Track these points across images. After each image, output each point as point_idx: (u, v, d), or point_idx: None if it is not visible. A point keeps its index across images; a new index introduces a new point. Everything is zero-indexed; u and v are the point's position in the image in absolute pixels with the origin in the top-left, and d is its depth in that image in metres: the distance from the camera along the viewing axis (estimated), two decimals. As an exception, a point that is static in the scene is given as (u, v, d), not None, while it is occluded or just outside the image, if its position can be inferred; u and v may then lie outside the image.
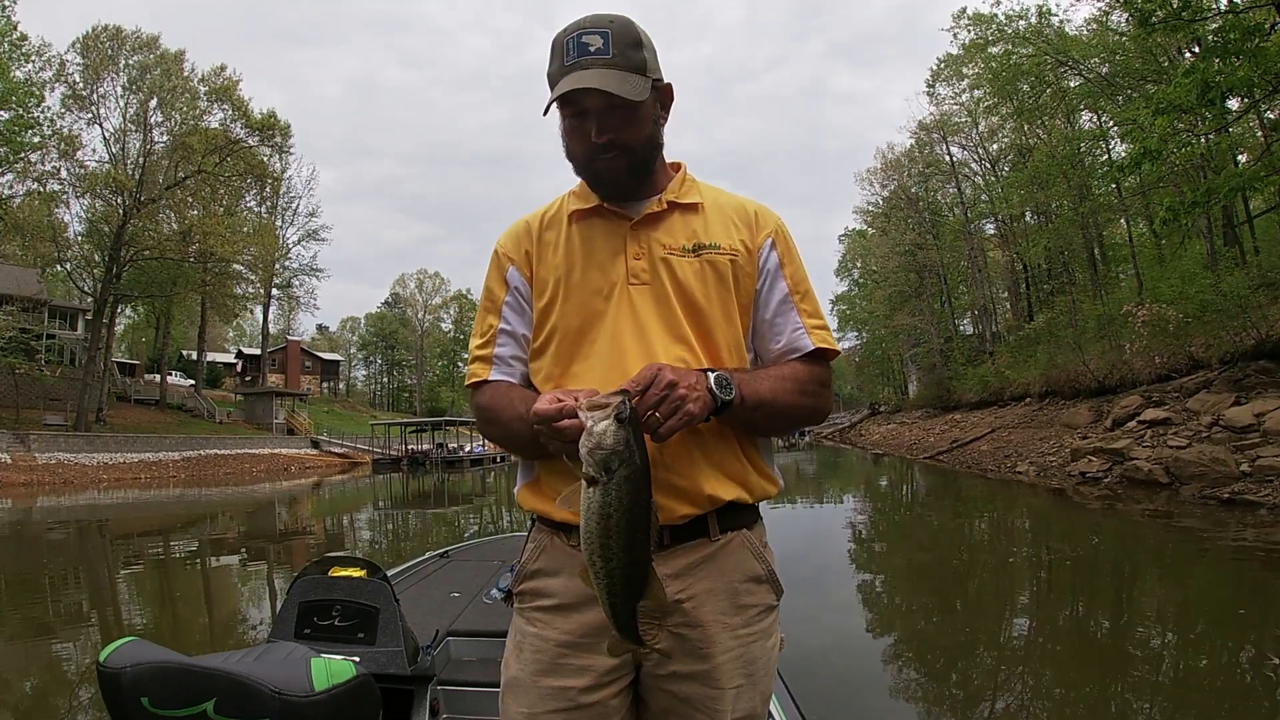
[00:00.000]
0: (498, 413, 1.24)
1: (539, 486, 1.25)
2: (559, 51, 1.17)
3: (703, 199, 1.29)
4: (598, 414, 0.95)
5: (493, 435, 1.28)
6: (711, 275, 1.23)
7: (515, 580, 1.28)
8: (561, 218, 1.30)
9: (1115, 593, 6.60)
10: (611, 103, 1.14)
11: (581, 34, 1.15)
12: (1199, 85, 10.55)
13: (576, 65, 1.14)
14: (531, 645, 1.20)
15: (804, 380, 1.23)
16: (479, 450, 42.58)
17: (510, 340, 1.29)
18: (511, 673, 1.21)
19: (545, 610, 1.21)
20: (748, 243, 1.27)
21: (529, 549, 1.28)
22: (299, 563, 8.54)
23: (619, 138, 1.18)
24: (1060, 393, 22.00)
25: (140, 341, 55.18)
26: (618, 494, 0.94)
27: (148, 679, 1.39)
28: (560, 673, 1.16)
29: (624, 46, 1.16)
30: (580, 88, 1.12)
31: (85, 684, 4.44)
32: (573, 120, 1.20)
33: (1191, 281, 17.63)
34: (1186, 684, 4.16)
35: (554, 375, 1.23)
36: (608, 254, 1.24)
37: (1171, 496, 10.50)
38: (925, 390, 40.52)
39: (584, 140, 1.19)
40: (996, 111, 29.85)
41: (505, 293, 1.30)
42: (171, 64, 32.75)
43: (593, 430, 0.94)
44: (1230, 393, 12.92)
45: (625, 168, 1.21)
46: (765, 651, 1.22)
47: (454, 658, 2.45)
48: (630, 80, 1.14)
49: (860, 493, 17.29)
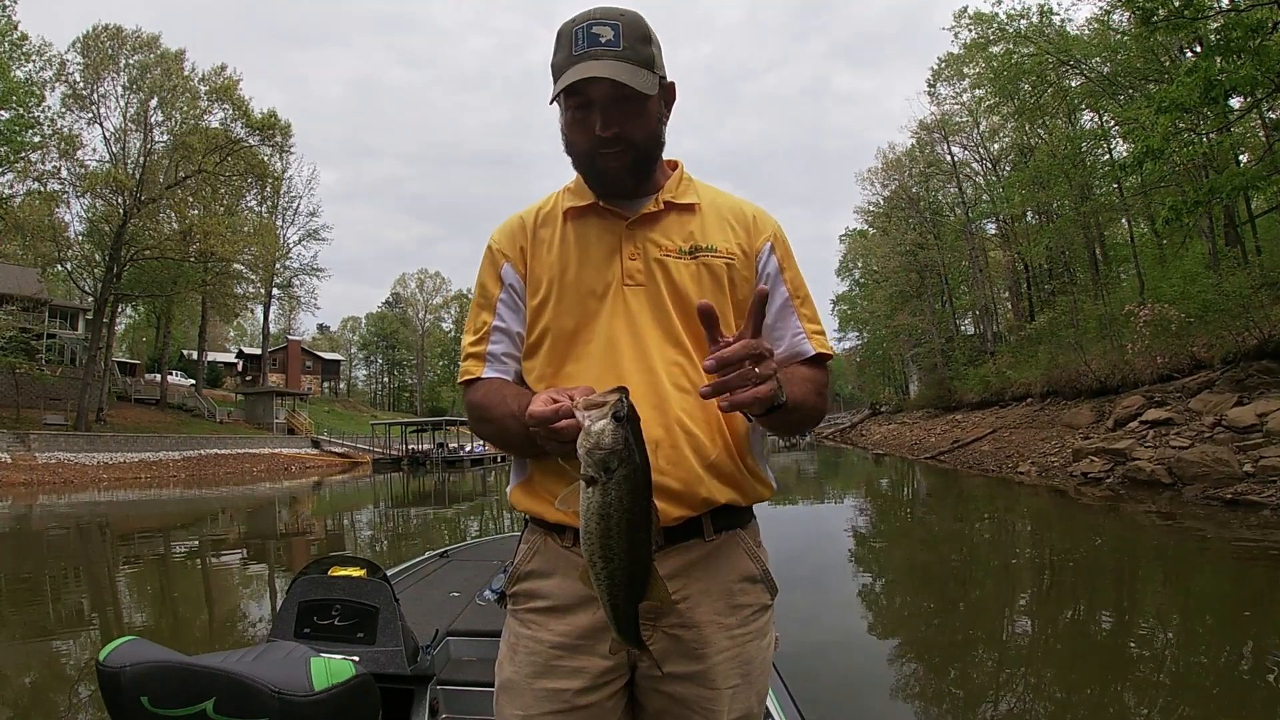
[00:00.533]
0: (490, 410, 1.21)
1: (532, 487, 1.24)
2: (566, 41, 1.14)
3: (700, 199, 1.28)
4: (595, 413, 0.92)
5: (485, 433, 1.26)
6: (708, 278, 1.21)
7: (508, 582, 1.27)
8: (556, 215, 1.27)
9: (1118, 594, 6.57)
10: (619, 95, 1.12)
11: (592, 24, 1.13)
12: (1202, 83, 10.52)
13: (586, 55, 1.12)
14: (526, 647, 1.19)
15: (820, 384, 1.22)
16: (479, 450, 42.56)
17: (504, 338, 1.27)
18: (506, 675, 1.20)
19: (539, 612, 1.20)
20: (745, 246, 1.26)
21: (522, 550, 1.27)
22: (298, 562, 8.44)
23: (624, 132, 1.15)
24: (1062, 393, 21.95)
25: (141, 341, 55.18)
26: (618, 494, 0.92)
27: (147, 678, 1.38)
28: (555, 675, 1.15)
29: (634, 40, 1.14)
30: (589, 77, 1.10)
31: (85, 683, 4.42)
32: (577, 112, 1.17)
33: (1193, 281, 17.60)
34: (1190, 687, 4.13)
35: (546, 375, 1.22)
36: (603, 253, 1.22)
37: (1174, 497, 10.46)
38: (926, 390, 40.45)
39: (587, 133, 1.16)
40: (998, 111, 29.78)
41: (500, 289, 1.28)
42: (171, 63, 32.74)
43: (590, 430, 0.91)
44: (1233, 393, 12.87)
45: (628, 164, 1.18)
46: (761, 651, 1.22)
47: (454, 657, 2.45)
48: (640, 74, 1.13)
49: (861, 493, 17.24)
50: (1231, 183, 11.66)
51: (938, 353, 38.93)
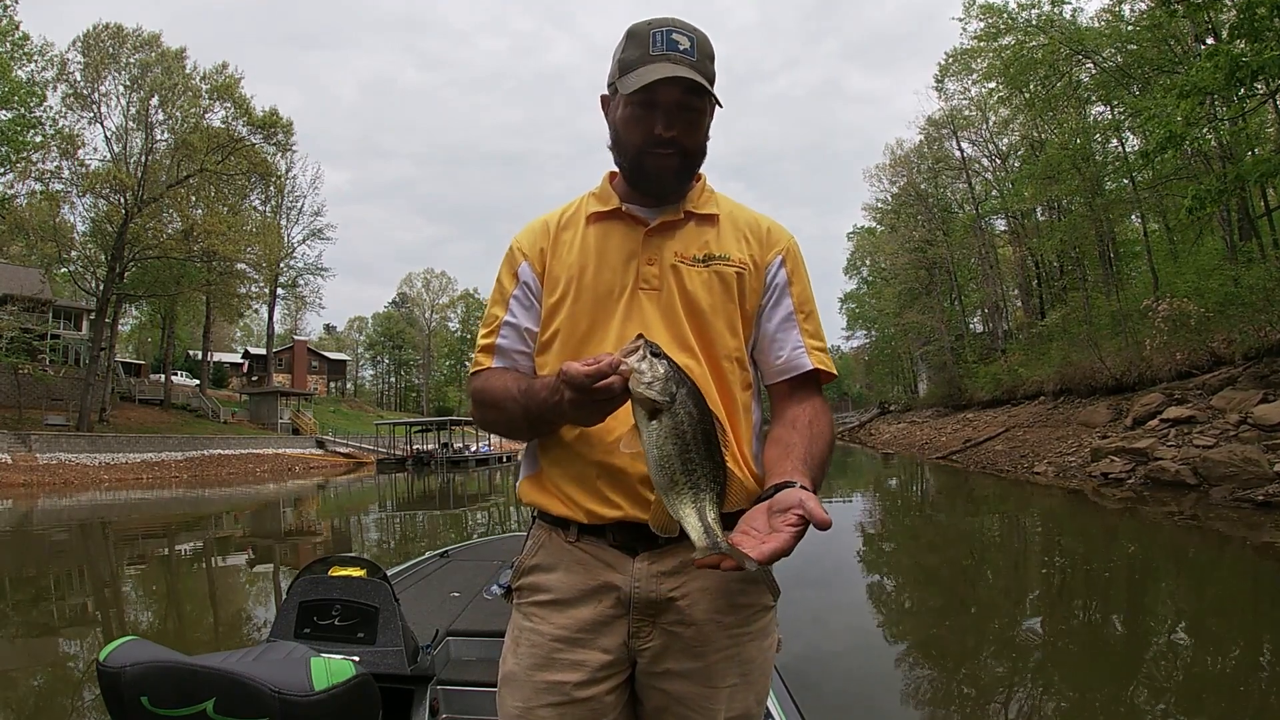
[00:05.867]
0: (491, 393, 1.24)
1: (540, 481, 1.26)
2: (642, 40, 1.19)
3: (719, 210, 1.32)
4: (633, 356, 1.00)
5: (488, 419, 1.28)
6: (718, 286, 1.24)
7: (514, 576, 1.30)
8: (579, 218, 1.31)
9: (1148, 601, 6.18)
10: (685, 103, 1.18)
11: (671, 31, 1.18)
12: (1227, 66, 10.10)
13: (664, 57, 1.17)
14: (527, 640, 1.21)
15: (828, 433, 1.22)
16: (484, 450, 42.46)
17: (513, 332, 1.30)
18: (508, 667, 1.23)
19: (541, 605, 1.22)
20: (757, 258, 1.29)
21: (528, 544, 1.29)
22: (299, 562, 8.65)
23: (680, 136, 1.20)
24: (1075, 391, 21.56)
25: (146, 342, 55.18)
26: (685, 411, 0.99)
27: (147, 678, 1.39)
28: (554, 667, 1.16)
29: (704, 57, 1.20)
30: (667, 78, 1.15)
31: (86, 683, 4.43)
32: (639, 109, 1.20)
33: (1209, 276, 17.20)
34: (1214, 698, 3.84)
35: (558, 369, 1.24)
36: (621, 257, 1.26)
37: (1200, 498, 10.03)
38: (936, 389, 40.09)
39: (644, 132, 1.20)
40: (1008, 104, 29.35)
41: (514, 286, 1.31)
42: (173, 62, 32.56)
43: (641, 368, 0.98)
44: (1257, 389, 12.45)
45: (676, 168, 1.23)
46: (761, 651, 1.23)
47: (454, 657, 2.47)
48: (707, 89, 1.18)
49: (871, 492, 16.88)
50: (1259, 169, 11.24)
51: (947, 350, 38.47)
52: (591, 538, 1.20)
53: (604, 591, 1.18)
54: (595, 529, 1.20)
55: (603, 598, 1.18)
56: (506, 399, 1.20)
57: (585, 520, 1.19)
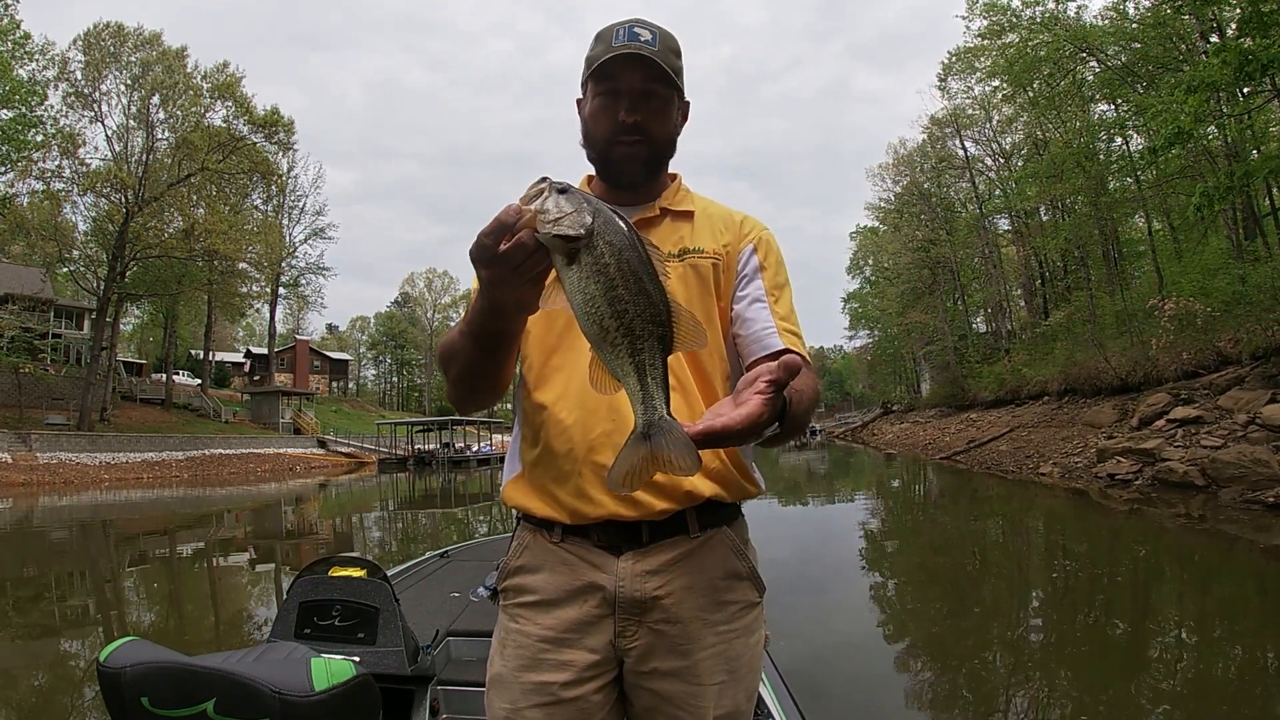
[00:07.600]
0: (447, 348, 1.17)
1: (522, 483, 1.26)
2: (607, 36, 1.21)
3: (695, 207, 1.32)
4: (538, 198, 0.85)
5: (450, 375, 1.21)
6: (694, 279, 1.24)
7: (500, 578, 1.30)
8: None
9: (1154, 604, 6.08)
10: (648, 90, 1.19)
11: (634, 26, 1.20)
12: (1237, 60, 9.98)
13: (625, 48, 1.17)
14: (514, 641, 1.20)
15: (811, 382, 1.12)
16: (486, 450, 42.41)
17: None
18: (495, 669, 1.23)
19: (527, 606, 1.22)
20: (730, 247, 1.29)
21: (513, 546, 1.29)
22: (299, 562, 8.64)
23: (645, 122, 1.21)
24: (1080, 390, 21.42)
25: (148, 341, 55.15)
26: (604, 241, 0.84)
27: (148, 679, 1.39)
28: (541, 668, 1.16)
29: (667, 50, 1.21)
30: (625, 55, 1.16)
31: (86, 683, 4.44)
32: (604, 98, 1.21)
33: (1214, 275, 17.06)
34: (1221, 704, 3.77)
35: (535, 364, 1.25)
36: None
37: (1209, 500, 9.91)
38: (939, 389, 39.96)
39: (610, 120, 1.21)
40: (1011, 102, 29.21)
41: None
42: (173, 60, 32.53)
43: (546, 207, 0.84)
44: (1265, 389, 12.32)
45: (643, 157, 1.24)
46: (749, 648, 1.23)
47: (454, 658, 2.47)
48: (669, 74, 1.19)
49: (874, 493, 16.77)
50: (1268, 166, 11.12)
51: (950, 350, 38.30)
52: (576, 538, 1.20)
53: (589, 591, 1.18)
54: (579, 529, 1.19)
55: (588, 598, 1.18)
56: (453, 339, 1.14)
57: (569, 520, 1.19)
